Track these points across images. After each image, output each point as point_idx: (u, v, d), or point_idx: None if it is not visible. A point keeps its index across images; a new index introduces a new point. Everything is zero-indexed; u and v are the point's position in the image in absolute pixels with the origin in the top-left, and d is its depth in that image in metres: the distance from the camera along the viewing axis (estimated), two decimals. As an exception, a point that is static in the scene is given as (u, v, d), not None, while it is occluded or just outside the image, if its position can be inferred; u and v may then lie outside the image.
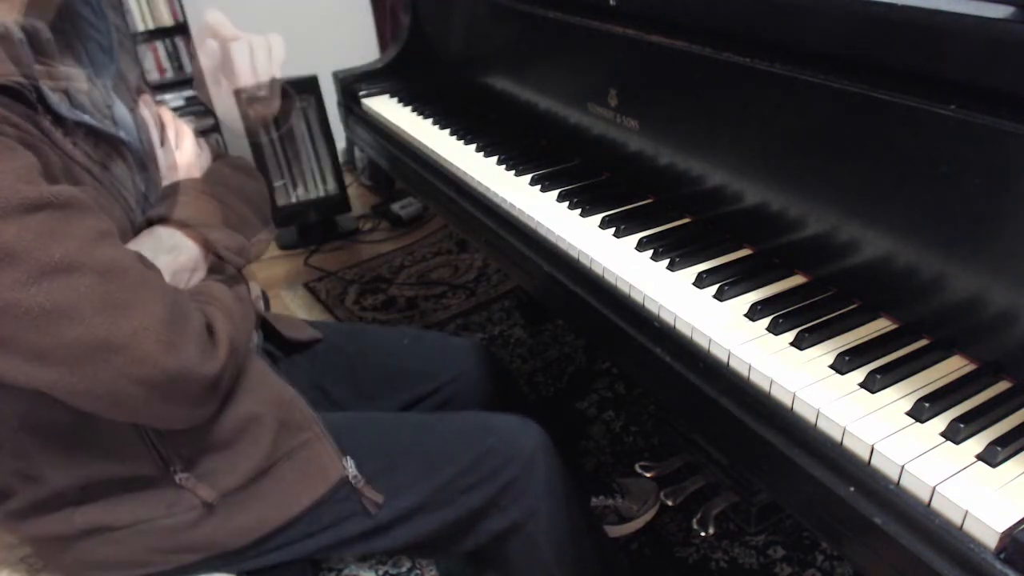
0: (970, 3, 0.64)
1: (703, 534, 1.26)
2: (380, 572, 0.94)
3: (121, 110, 0.81)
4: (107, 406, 0.66)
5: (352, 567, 0.93)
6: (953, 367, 0.68)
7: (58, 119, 0.69)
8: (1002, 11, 0.62)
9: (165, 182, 0.87)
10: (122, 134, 0.80)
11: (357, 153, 2.96)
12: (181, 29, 2.67)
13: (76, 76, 0.77)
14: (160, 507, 0.78)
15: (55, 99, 0.68)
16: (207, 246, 0.81)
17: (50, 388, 0.63)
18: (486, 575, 0.99)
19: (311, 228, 2.56)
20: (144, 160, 0.83)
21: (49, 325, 0.58)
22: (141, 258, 0.68)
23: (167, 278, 0.76)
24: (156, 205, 0.83)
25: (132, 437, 0.74)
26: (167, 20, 2.64)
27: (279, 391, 0.85)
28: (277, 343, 1.04)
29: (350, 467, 0.84)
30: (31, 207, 0.57)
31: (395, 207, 2.62)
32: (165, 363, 0.64)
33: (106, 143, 0.76)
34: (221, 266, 0.81)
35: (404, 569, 0.96)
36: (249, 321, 0.81)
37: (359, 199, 2.82)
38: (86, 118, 0.72)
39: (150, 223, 0.79)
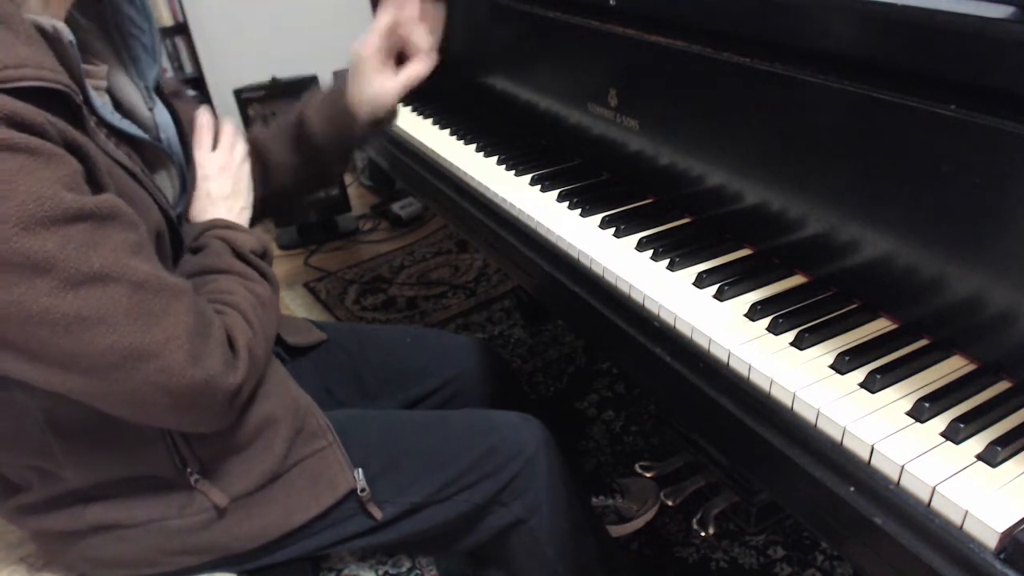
0: (970, 3, 0.64)
1: (703, 534, 1.26)
2: (380, 572, 0.94)
3: (162, 111, 0.82)
4: (131, 411, 0.67)
5: (352, 567, 0.93)
6: (953, 367, 0.68)
7: (102, 120, 0.69)
8: (1002, 11, 0.62)
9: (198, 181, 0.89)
10: (162, 135, 0.81)
11: (357, 153, 2.96)
12: (181, 29, 2.67)
13: (120, 76, 0.78)
14: (172, 508, 0.78)
15: (100, 102, 0.69)
16: (232, 248, 0.82)
17: (79, 393, 0.63)
18: (488, 573, 1.00)
19: (311, 228, 2.56)
20: (182, 160, 0.84)
21: (83, 332, 0.59)
22: (164, 268, 0.68)
23: (192, 279, 0.76)
24: (185, 205, 0.85)
25: (155, 438, 0.74)
26: (167, 20, 2.64)
27: (296, 397, 0.85)
28: (283, 347, 1.04)
29: (360, 479, 0.84)
30: (74, 217, 0.58)
31: (395, 207, 2.62)
32: (192, 373, 0.65)
33: (147, 146, 0.77)
34: (244, 269, 0.81)
35: (404, 569, 0.96)
36: (271, 326, 0.81)
37: (359, 199, 2.82)
38: (126, 125, 0.72)
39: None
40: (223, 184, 0.90)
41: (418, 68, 1.04)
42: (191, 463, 0.77)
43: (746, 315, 0.77)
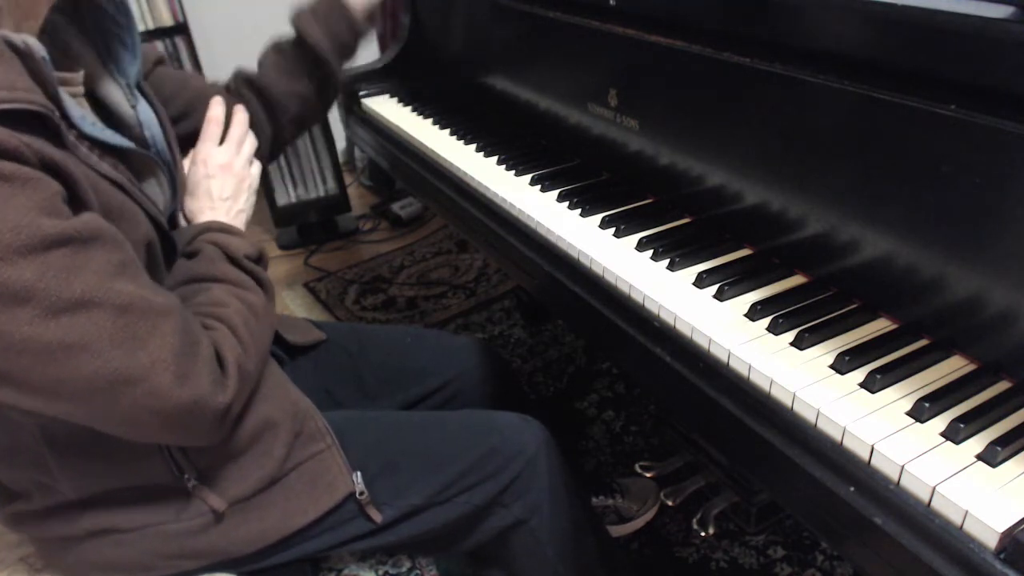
0: (970, 3, 0.64)
1: (703, 534, 1.26)
2: (380, 572, 0.94)
3: (145, 109, 0.80)
4: (122, 431, 0.67)
5: (352, 567, 0.93)
6: (953, 367, 0.68)
7: (83, 133, 0.67)
8: (1002, 11, 0.62)
9: (187, 173, 0.89)
10: (147, 133, 0.79)
11: (357, 153, 2.96)
12: (181, 29, 2.67)
13: (102, 76, 0.77)
14: (168, 513, 0.78)
15: (78, 115, 0.67)
16: (226, 253, 0.80)
17: (67, 416, 0.63)
18: (488, 573, 0.99)
19: (311, 228, 2.56)
20: (169, 160, 0.82)
21: (67, 359, 0.58)
22: (153, 284, 0.67)
23: (184, 287, 0.76)
24: (181, 206, 0.84)
25: (151, 451, 0.74)
26: (167, 20, 2.63)
27: (295, 400, 0.85)
28: (282, 346, 1.03)
29: (358, 482, 0.83)
30: (53, 243, 0.56)
31: (395, 207, 2.62)
32: (179, 395, 0.64)
33: (134, 153, 0.75)
34: (238, 276, 0.80)
35: (404, 569, 0.96)
36: (265, 337, 0.80)
37: (359, 199, 2.82)
38: (108, 135, 0.70)
39: (173, 225, 0.80)
40: (225, 184, 0.89)
41: None
42: (188, 470, 0.76)
43: (746, 315, 0.77)
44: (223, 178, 0.89)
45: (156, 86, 0.89)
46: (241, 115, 0.95)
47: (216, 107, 0.93)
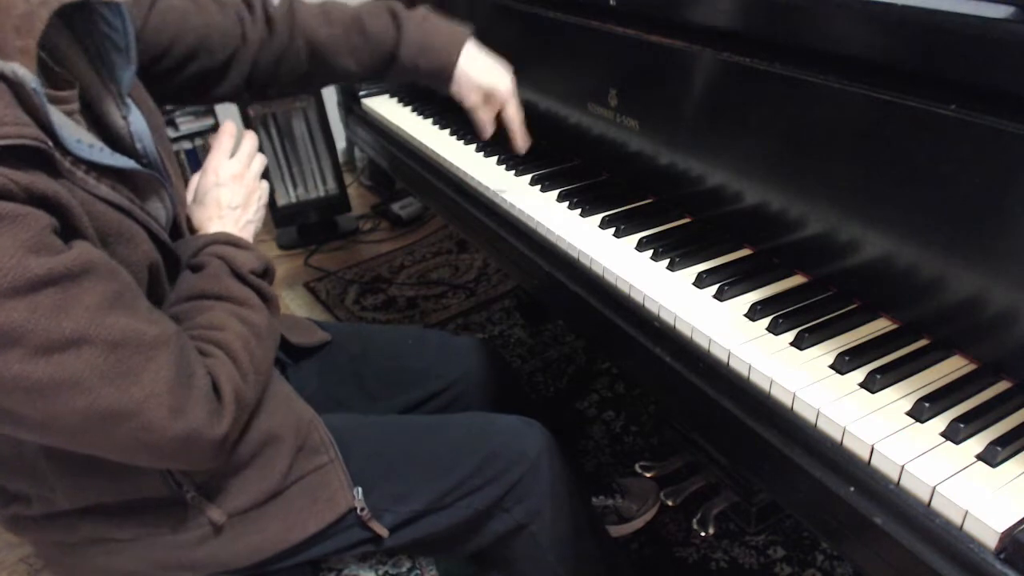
0: (970, 3, 0.64)
1: (703, 534, 1.26)
2: (380, 572, 0.94)
3: (137, 118, 0.78)
4: (119, 459, 0.67)
5: (352, 567, 0.93)
6: (953, 367, 0.68)
7: (79, 158, 0.65)
8: (1002, 11, 0.62)
9: (193, 183, 0.88)
10: (138, 144, 0.77)
11: (357, 153, 2.96)
12: None
13: (97, 87, 0.74)
14: (167, 524, 0.77)
15: (73, 140, 0.65)
16: (231, 268, 0.78)
17: (64, 446, 0.63)
18: (489, 575, 0.99)
19: (311, 228, 2.56)
20: (161, 170, 0.80)
21: (58, 396, 0.57)
22: (151, 310, 0.65)
23: (186, 303, 0.75)
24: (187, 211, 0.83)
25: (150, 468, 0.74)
26: None
27: (299, 413, 0.84)
28: (286, 348, 1.02)
29: (359, 498, 0.83)
30: (41, 283, 0.55)
31: (395, 207, 2.62)
32: (174, 429, 0.63)
33: (135, 172, 0.73)
34: (242, 292, 0.77)
35: (404, 569, 0.96)
36: (267, 357, 0.78)
37: (359, 199, 2.82)
38: (106, 157, 0.68)
39: (176, 235, 0.79)
40: (235, 194, 0.87)
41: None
42: (187, 484, 0.76)
43: (746, 315, 0.77)
44: (233, 188, 0.87)
45: (158, 30, 0.88)
46: (252, 134, 0.94)
47: (229, 123, 0.92)
